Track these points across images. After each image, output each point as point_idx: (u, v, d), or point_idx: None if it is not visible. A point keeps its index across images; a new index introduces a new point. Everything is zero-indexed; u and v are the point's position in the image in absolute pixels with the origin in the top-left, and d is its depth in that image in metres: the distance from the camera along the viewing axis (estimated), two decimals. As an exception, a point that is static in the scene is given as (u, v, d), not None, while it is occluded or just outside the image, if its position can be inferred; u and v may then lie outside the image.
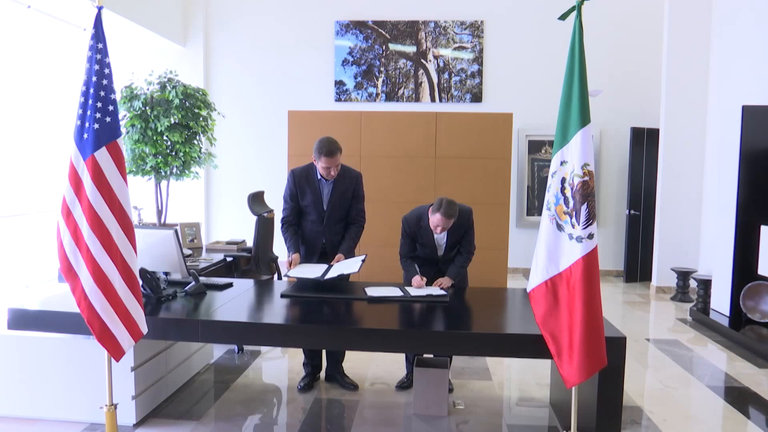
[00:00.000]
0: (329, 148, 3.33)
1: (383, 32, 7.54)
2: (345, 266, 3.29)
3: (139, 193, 5.61)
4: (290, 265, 3.39)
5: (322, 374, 3.73)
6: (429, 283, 3.41)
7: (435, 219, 3.29)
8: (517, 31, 7.44)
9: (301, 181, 3.48)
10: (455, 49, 7.50)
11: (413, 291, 3.21)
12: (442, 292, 3.19)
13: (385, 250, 4.83)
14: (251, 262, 4.63)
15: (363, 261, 3.28)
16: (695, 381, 3.89)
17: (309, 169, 3.49)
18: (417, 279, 3.35)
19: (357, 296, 3.15)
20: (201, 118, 5.17)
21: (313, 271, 3.30)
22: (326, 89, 7.63)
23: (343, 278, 3.33)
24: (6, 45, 5.32)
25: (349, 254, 3.49)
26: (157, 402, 3.25)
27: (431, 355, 3.38)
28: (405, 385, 3.62)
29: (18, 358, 3.04)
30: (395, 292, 3.20)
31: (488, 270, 5.15)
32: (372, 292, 3.17)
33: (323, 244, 3.52)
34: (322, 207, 3.47)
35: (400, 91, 7.59)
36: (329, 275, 3.21)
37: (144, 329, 2.59)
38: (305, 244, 3.55)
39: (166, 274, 3.31)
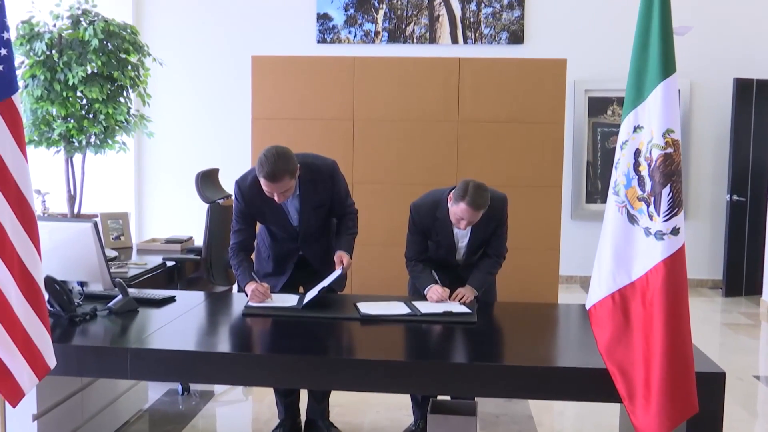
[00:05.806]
0: (270, 169, 3.04)
1: (385, -55, 7.51)
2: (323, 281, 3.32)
3: (43, 171, 5.61)
4: (256, 297, 3.31)
5: (302, 419, 3.74)
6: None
7: (459, 210, 3.25)
8: (574, -56, 7.41)
9: (252, 197, 3.33)
10: (486, -32, 7.48)
11: (424, 307, 3.22)
12: (466, 309, 3.19)
13: (387, 252, 4.84)
14: (201, 268, 4.64)
15: (341, 272, 3.33)
16: (821, 434, 3.91)
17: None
18: (437, 289, 3.34)
19: (346, 315, 3.16)
20: (129, 67, 5.16)
21: (286, 300, 3.32)
22: (305, 26, 7.62)
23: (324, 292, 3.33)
24: None
25: (350, 250, 3.50)
26: (70, 462, 3.27)
27: (449, 397, 3.38)
28: (414, 435, 3.66)
29: None
30: (400, 309, 3.22)
31: (532, 279, 5.16)
32: (366, 309, 3.18)
33: (300, 256, 3.55)
34: (291, 225, 3.45)
35: (409, 29, 7.56)
36: (308, 298, 3.24)
37: (51, 362, 2.59)
38: (274, 261, 3.58)
39: (82, 284, 3.33)
